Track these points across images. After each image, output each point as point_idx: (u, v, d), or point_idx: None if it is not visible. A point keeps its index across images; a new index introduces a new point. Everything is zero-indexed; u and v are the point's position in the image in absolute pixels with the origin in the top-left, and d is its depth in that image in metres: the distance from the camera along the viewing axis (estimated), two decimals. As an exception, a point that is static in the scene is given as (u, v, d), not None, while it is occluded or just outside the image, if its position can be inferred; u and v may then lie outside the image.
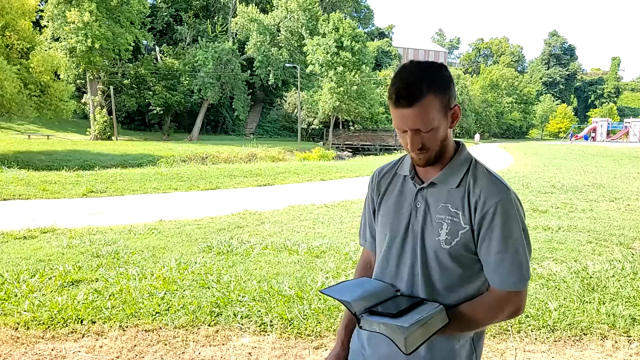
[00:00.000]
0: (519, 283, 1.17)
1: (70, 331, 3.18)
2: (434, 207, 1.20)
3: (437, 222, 1.18)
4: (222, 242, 5.49)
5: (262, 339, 3.14)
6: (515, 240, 1.16)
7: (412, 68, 1.14)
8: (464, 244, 1.17)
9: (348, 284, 1.23)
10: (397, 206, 1.27)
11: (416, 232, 1.22)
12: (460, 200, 1.18)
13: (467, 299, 1.20)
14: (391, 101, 1.15)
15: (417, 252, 1.21)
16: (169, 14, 45.16)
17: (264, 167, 15.62)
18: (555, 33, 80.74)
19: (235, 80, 40.21)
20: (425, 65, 1.14)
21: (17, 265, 4.51)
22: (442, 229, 1.17)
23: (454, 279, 1.20)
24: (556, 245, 5.59)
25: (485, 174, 1.21)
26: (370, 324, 1.08)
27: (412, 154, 1.20)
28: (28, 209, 8.04)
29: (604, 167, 17.71)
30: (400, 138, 1.21)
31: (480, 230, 1.16)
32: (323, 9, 46.20)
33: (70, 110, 25.12)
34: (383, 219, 1.31)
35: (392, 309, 1.11)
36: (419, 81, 1.11)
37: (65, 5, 30.73)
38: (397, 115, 1.15)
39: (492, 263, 1.17)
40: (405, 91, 1.11)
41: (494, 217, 1.15)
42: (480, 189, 1.17)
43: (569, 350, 3.03)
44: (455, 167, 1.22)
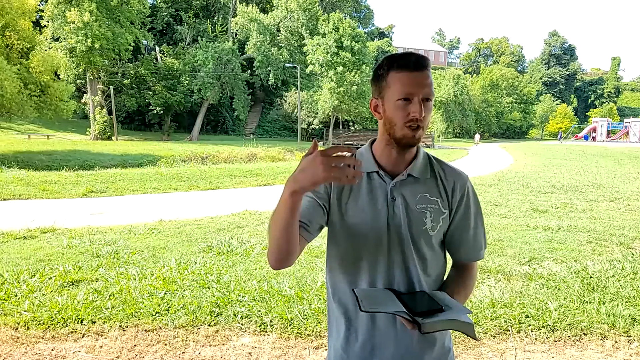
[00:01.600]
0: (484, 252, 1.35)
1: (70, 331, 3.18)
2: (412, 199, 1.24)
3: (419, 212, 1.23)
4: (222, 242, 5.49)
5: (262, 339, 3.14)
6: (481, 216, 1.34)
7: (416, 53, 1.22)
8: (443, 227, 1.27)
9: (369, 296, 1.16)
10: (371, 205, 1.24)
11: (398, 226, 1.22)
12: (436, 189, 1.27)
13: (442, 278, 1.32)
14: (403, 67, 1.17)
15: (406, 245, 1.23)
16: (169, 14, 45.15)
17: (264, 167, 15.62)
18: (555, 33, 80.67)
19: (235, 80, 40.20)
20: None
21: (17, 265, 4.51)
22: (427, 217, 1.24)
23: (437, 262, 1.29)
24: (556, 245, 5.59)
25: (448, 164, 1.33)
26: (434, 326, 1.06)
27: (406, 130, 1.17)
28: (28, 209, 8.04)
29: (604, 167, 17.71)
30: (398, 112, 1.17)
31: (458, 212, 1.28)
32: (323, 9, 46.20)
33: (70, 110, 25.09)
34: (356, 219, 1.24)
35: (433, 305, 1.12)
36: (424, 56, 1.20)
37: (65, 5, 30.72)
38: (409, 79, 1.16)
39: (469, 239, 1.31)
40: (419, 56, 1.18)
41: (467, 199, 1.30)
42: (452, 177, 1.30)
43: (569, 350, 3.03)
44: (424, 159, 1.30)
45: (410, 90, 1.16)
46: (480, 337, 3.17)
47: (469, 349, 3.03)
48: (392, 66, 1.18)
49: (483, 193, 10.14)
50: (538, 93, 69.55)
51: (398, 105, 1.17)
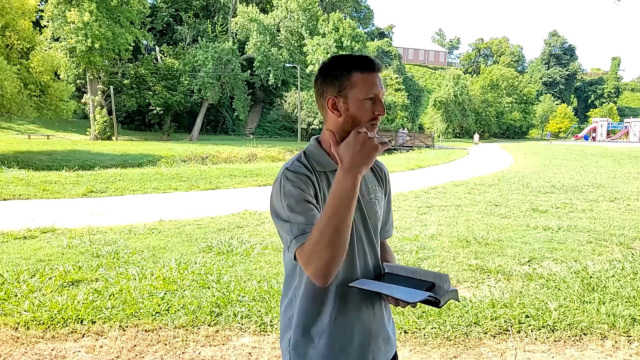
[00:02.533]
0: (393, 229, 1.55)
1: (70, 331, 3.18)
2: (365, 191, 1.34)
3: (373, 202, 1.36)
4: (222, 242, 5.49)
5: (262, 339, 3.14)
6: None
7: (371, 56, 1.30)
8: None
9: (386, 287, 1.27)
10: None
11: (358, 217, 1.30)
12: (376, 179, 1.42)
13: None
14: (363, 67, 1.24)
15: (371, 234, 1.34)
16: (169, 14, 45.17)
17: (264, 167, 15.62)
18: (555, 33, 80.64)
19: (235, 80, 40.21)
20: None
21: (17, 265, 4.51)
22: (378, 205, 1.37)
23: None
24: (556, 245, 5.59)
25: None
26: (445, 298, 1.20)
27: (370, 127, 1.24)
28: (28, 209, 8.04)
29: (604, 167, 17.71)
30: (363, 110, 1.24)
31: (386, 195, 1.45)
32: (323, 9, 46.19)
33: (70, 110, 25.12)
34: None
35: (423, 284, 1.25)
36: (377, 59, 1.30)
37: (65, 5, 30.73)
38: (371, 80, 1.24)
39: (389, 219, 1.49)
40: (375, 59, 1.26)
41: (389, 183, 1.48)
42: (380, 166, 1.46)
43: (569, 350, 3.03)
44: None
45: (375, 90, 1.24)
46: (480, 337, 3.17)
47: (469, 349, 3.03)
48: (355, 67, 1.24)
49: (483, 193, 10.14)
50: (538, 93, 69.51)
51: (363, 104, 1.24)
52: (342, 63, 1.25)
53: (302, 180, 1.22)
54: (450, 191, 10.44)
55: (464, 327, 3.24)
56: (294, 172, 1.22)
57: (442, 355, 2.96)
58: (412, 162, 18.82)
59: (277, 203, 1.22)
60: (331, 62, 1.28)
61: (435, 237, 5.90)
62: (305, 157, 1.30)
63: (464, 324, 3.28)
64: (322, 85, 1.28)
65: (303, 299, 1.29)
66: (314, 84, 1.32)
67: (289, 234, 1.17)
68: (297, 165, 1.25)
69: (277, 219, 1.21)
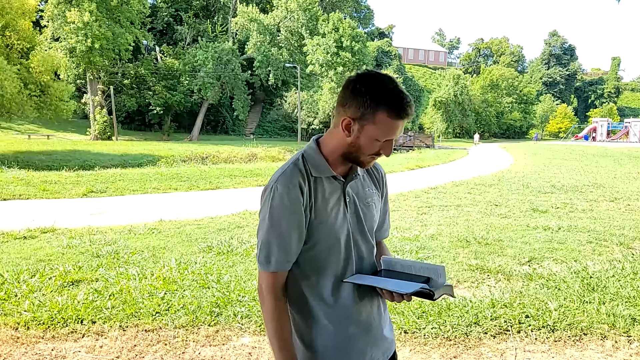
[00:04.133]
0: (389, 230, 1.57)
1: (70, 331, 3.18)
2: (361, 194, 1.37)
3: (369, 205, 1.38)
4: (222, 242, 5.49)
5: (262, 339, 3.14)
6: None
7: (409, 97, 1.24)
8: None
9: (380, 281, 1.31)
10: (333, 207, 1.30)
11: (354, 222, 1.34)
12: (373, 182, 1.43)
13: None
14: (392, 113, 1.19)
15: (367, 237, 1.37)
16: (169, 14, 45.17)
17: (264, 167, 15.62)
18: (555, 33, 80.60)
19: (235, 80, 40.21)
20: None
21: (17, 265, 4.51)
22: (375, 207, 1.41)
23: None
24: (556, 245, 5.59)
25: None
26: (439, 292, 1.23)
27: (368, 159, 1.28)
28: (28, 209, 8.04)
29: (604, 167, 17.71)
30: (370, 145, 1.23)
31: (382, 197, 1.47)
32: (323, 9, 46.17)
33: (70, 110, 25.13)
34: (324, 227, 1.27)
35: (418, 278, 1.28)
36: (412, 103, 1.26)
37: (65, 5, 30.73)
38: (394, 127, 1.21)
39: (386, 220, 1.52)
40: (410, 105, 1.22)
41: (386, 185, 1.50)
42: (377, 168, 1.46)
43: (569, 350, 3.03)
44: None
45: (392, 134, 1.23)
46: (480, 337, 3.17)
47: (469, 349, 3.03)
48: (385, 107, 1.18)
49: (483, 193, 10.14)
50: (538, 93, 69.50)
51: (375, 141, 1.23)
52: (375, 95, 1.18)
53: (291, 195, 1.23)
54: (450, 191, 10.43)
55: (464, 327, 3.24)
56: (285, 185, 1.23)
57: (442, 355, 2.96)
58: (412, 162, 18.82)
59: (262, 210, 1.29)
60: (367, 85, 1.20)
61: (435, 237, 5.90)
62: (302, 160, 1.29)
63: (464, 324, 3.28)
64: (348, 98, 1.22)
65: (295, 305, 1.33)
66: (344, 85, 1.26)
67: (258, 250, 1.29)
68: (289, 174, 1.25)
69: (260, 221, 1.31)
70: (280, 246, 1.24)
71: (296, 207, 1.23)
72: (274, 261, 1.25)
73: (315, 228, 1.27)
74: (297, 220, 1.24)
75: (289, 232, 1.24)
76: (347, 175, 1.33)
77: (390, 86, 1.20)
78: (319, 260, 1.29)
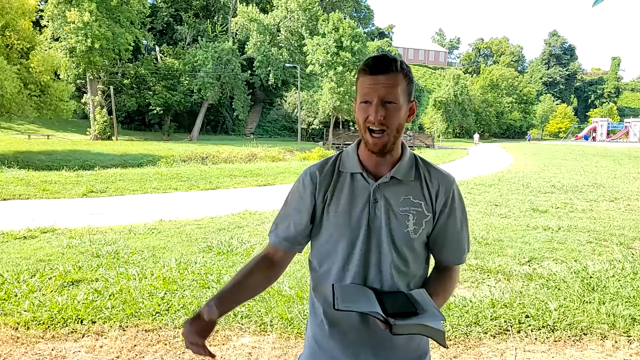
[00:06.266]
0: (466, 255, 1.36)
1: (70, 331, 3.18)
2: (395, 201, 1.24)
3: (402, 215, 1.23)
4: (222, 242, 5.49)
5: (262, 339, 3.14)
6: (466, 220, 1.34)
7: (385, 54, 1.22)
8: (426, 230, 1.27)
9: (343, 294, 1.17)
10: (351, 205, 1.25)
11: (379, 228, 1.23)
12: (420, 192, 1.27)
13: (422, 280, 1.32)
14: (365, 70, 1.19)
15: (384, 247, 1.23)
16: (169, 14, 45.15)
17: (264, 167, 15.63)
18: (555, 33, 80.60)
19: (235, 80, 40.20)
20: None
21: (17, 265, 4.51)
22: (409, 220, 1.24)
23: (418, 264, 1.29)
24: (556, 245, 5.59)
25: (434, 166, 1.33)
26: (404, 328, 1.07)
27: (368, 136, 1.20)
28: (28, 209, 8.04)
29: (604, 167, 17.71)
30: (359, 113, 1.20)
31: (441, 215, 1.28)
32: (323, 9, 46.17)
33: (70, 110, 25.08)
34: (336, 220, 1.25)
35: (407, 308, 1.13)
36: (394, 58, 1.20)
37: (65, 5, 30.71)
38: (368, 82, 1.18)
39: (450, 242, 1.30)
40: (382, 60, 1.18)
41: (452, 202, 1.28)
42: (437, 179, 1.29)
43: (569, 350, 3.03)
44: (408, 162, 1.29)
45: (368, 93, 1.18)
46: (480, 337, 3.17)
47: (469, 349, 3.03)
48: (360, 69, 1.21)
49: (483, 193, 10.14)
50: (538, 93, 69.50)
51: (360, 107, 1.20)
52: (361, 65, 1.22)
53: (307, 185, 1.30)
54: (450, 191, 10.42)
55: (464, 327, 3.24)
56: (306, 173, 1.32)
57: (442, 355, 2.95)
58: (412, 162, 18.76)
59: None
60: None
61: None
62: (338, 155, 1.33)
63: (464, 324, 3.28)
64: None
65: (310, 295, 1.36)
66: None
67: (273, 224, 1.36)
68: (315, 165, 1.33)
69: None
70: (281, 224, 1.33)
71: (305, 193, 1.29)
72: (273, 235, 1.34)
73: (327, 219, 1.27)
74: (303, 206, 1.29)
75: (292, 214, 1.31)
76: (380, 176, 1.26)
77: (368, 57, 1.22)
78: (325, 252, 1.29)
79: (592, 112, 71.03)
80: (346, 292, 1.18)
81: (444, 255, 1.32)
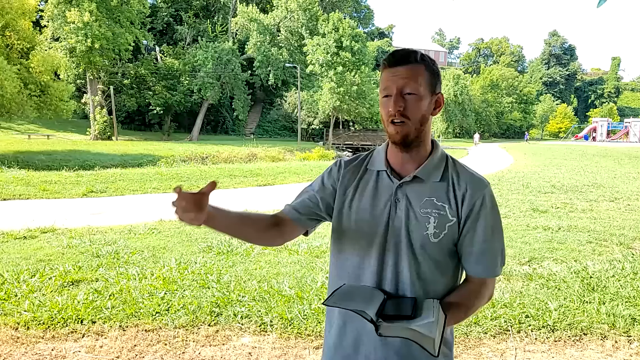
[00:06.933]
0: (499, 269, 1.24)
1: (70, 331, 3.18)
2: (417, 202, 1.19)
3: (423, 217, 1.18)
4: (222, 242, 5.49)
5: (262, 339, 3.14)
6: (498, 229, 1.25)
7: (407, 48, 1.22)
8: (450, 236, 1.19)
9: (342, 292, 1.15)
10: (373, 202, 1.23)
11: (398, 228, 1.19)
12: (445, 194, 1.20)
13: (446, 290, 1.23)
14: (385, 64, 1.19)
15: (402, 248, 1.18)
16: (169, 14, 45.14)
17: (264, 167, 15.63)
18: (555, 33, 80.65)
19: (235, 80, 40.19)
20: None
21: (17, 265, 4.51)
22: (430, 222, 1.17)
23: (442, 272, 1.21)
24: (556, 245, 5.59)
25: (466, 168, 1.26)
26: (391, 330, 1.03)
27: (390, 127, 1.18)
28: (28, 209, 8.04)
29: (604, 167, 17.71)
30: (382, 109, 1.20)
31: (467, 221, 1.19)
32: (323, 9, 46.16)
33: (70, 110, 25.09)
34: (357, 216, 1.24)
35: (404, 311, 1.08)
36: (415, 51, 1.20)
37: (65, 5, 30.70)
38: (388, 75, 1.18)
39: (476, 252, 1.21)
40: (401, 52, 1.18)
41: (481, 208, 1.19)
42: (466, 182, 1.21)
43: (569, 350, 3.03)
44: (436, 162, 1.24)
45: (387, 85, 1.18)
46: (480, 337, 3.17)
47: (469, 349, 3.03)
48: (382, 64, 1.21)
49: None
50: (538, 93, 69.53)
51: (382, 102, 1.20)
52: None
53: (333, 172, 1.33)
54: (450, 191, 10.42)
55: (464, 327, 3.24)
56: (335, 164, 1.35)
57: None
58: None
59: None
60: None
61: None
62: (370, 153, 1.34)
63: (464, 324, 3.28)
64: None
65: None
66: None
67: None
68: (348, 159, 1.34)
69: None
70: (298, 197, 1.36)
71: (328, 180, 1.32)
72: (286, 204, 1.37)
73: (349, 214, 1.26)
74: (322, 190, 1.31)
75: (309, 192, 1.34)
76: (403, 175, 1.22)
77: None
78: (344, 248, 1.28)
79: (592, 112, 71.09)
80: (350, 291, 1.16)
81: (469, 266, 1.22)
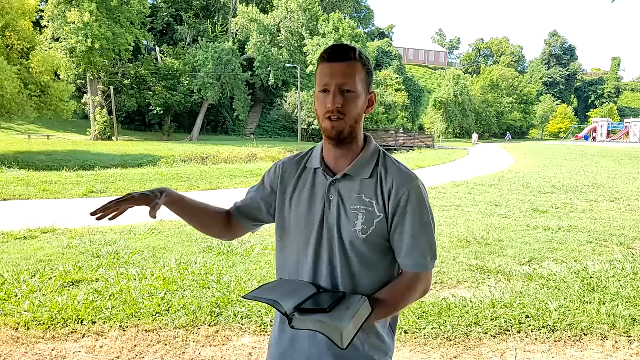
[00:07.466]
0: (430, 263, 1.24)
1: (70, 331, 3.18)
2: (347, 198, 1.21)
3: (352, 213, 1.20)
4: (222, 242, 5.48)
5: (262, 339, 3.14)
6: (426, 223, 1.23)
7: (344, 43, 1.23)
8: (379, 232, 1.20)
9: (269, 286, 1.18)
10: (310, 200, 1.25)
11: (331, 224, 1.21)
12: (373, 190, 1.21)
13: (378, 285, 1.23)
14: (323, 58, 1.19)
15: (334, 244, 1.21)
16: (169, 14, 45.16)
17: (264, 167, 15.61)
18: (555, 33, 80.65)
19: (235, 80, 40.21)
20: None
21: (17, 265, 4.51)
22: (358, 219, 1.19)
23: (372, 267, 1.22)
24: (556, 245, 5.59)
25: (395, 163, 1.26)
26: (303, 322, 1.05)
27: (326, 122, 1.18)
28: (28, 209, 8.04)
29: (604, 167, 17.71)
30: (318, 103, 1.19)
31: (394, 216, 1.20)
32: (323, 9, 46.18)
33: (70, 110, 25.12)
34: (296, 213, 1.26)
35: (321, 305, 1.10)
36: (352, 47, 1.20)
37: (65, 5, 30.72)
38: (325, 70, 1.17)
39: (405, 247, 1.21)
40: (340, 48, 1.19)
41: (407, 203, 1.20)
42: (392, 177, 1.21)
43: (569, 350, 3.03)
44: (366, 158, 1.25)
45: (325, 81, 1.17)
46: (480, 337, 3.17)
47: (469, 349, 3.03)
48: (319, 58, 1.21)
49: (483, 193, 10.14)
50: (538, 93, 69.52)
51: (319, 96, 1.20)
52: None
53: (272, 173, 1.37)
54: (450, 191, 10.43)
55: (464, 327, 3.24)
56: (275, 164, 1.38)
57: (442, 355, 2.95)
58: (412, 162, 18.82)
59: None
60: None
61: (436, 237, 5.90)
62: (309, 151, 1.36)
63: (464, 324, 3.28)
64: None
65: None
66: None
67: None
68: (288, 158, 1.37)
69: None
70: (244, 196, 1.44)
71: (267, 181, 1.37)
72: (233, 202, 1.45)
73: (289, 212, 1.29)
74: (262, 191, 1.37)
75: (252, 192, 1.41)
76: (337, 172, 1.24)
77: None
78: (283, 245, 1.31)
79: (592, 112, 71.09)
80: (278, 284, 1.21)
81: (400, 260, 1.23)
